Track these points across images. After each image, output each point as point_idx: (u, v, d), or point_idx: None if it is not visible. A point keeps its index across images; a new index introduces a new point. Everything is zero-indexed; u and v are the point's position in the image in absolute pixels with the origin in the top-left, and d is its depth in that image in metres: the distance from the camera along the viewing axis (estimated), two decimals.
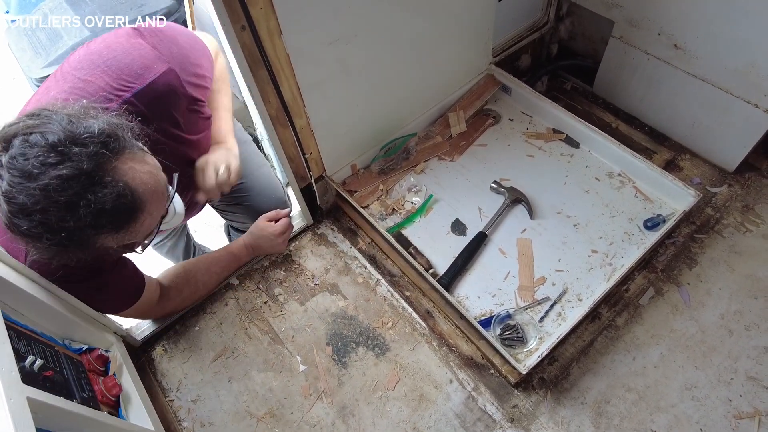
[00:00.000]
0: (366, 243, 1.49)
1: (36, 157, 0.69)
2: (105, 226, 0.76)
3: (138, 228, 0.82)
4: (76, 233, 0.73)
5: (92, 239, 0.77)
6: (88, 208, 0.72)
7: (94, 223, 0.73)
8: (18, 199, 0.69)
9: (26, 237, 0.73)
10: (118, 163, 0.77)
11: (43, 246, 0.74)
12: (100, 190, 0.73)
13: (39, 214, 0.70)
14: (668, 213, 1.40)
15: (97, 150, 0.73)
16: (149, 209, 0.82)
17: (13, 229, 0.72)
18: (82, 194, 0.71)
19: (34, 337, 0.99)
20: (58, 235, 0.72)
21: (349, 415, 1.19)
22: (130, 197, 0.77)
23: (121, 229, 0.79)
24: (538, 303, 1.29)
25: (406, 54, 1.38)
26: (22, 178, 0.69)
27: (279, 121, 1.20)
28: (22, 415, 0.71)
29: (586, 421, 1.15)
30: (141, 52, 0.98)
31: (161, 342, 1.34)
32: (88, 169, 0.72)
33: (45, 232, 0.71)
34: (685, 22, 1.39)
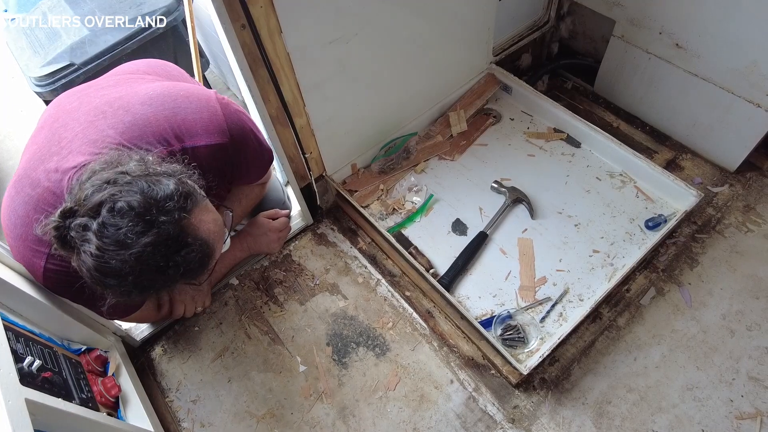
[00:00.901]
0: (366, 243, 1.48)
1: (127, 228, 0.76)
2: (186, 278, 0.85)
3: (208, 272, 0.90)
4: (158, 286, 0.83)
5: (171, 288, 0.87)
6: (177, 269, 0.81)
7: (179, 278, 0.83)
8: (111, 264, 0.76)
9: (105, 288, 0.80)
10: (194, 221, 0.84)
11: (115, 294, 0.81)
12: (185, 250, 0.81)
13: (132, 276, 0.77)
14: (669, 213, 1.39)
15: (178, 214, 0.80)
16: (217, 254, 0.91)
17: (98, 283, 0.78)
18: (170, 257, 0.79)
19: (33, 338, 0.99)
20: (139, 290, 0.80)
21: (350, 415, 1.19)
22: (207, 249, 0.86)
23: (197, 276, 0.87)
24: (539, 303, 1.29)
25: (406, 53, 1.37)
26: (116, 246, 0.75)
27: (279, 120, 1.20)
28: (20, 416, 0.71)
29: (587, 422, 1.14)
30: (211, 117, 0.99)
31: (160, 342, 1.34)
32: (174, 234, 0.79)
33: (133, 290, 0.80)
34: (686, 22, 1.39)
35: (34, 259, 0.91)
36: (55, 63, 2.00)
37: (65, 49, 2.02)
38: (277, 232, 1.40)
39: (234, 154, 1.03)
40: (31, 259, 0.91)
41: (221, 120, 0.99)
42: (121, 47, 2.00)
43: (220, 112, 0.99)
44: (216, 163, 1.00)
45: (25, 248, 0.91)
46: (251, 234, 1.38)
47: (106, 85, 1.00)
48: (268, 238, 1.38)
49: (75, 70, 1.98)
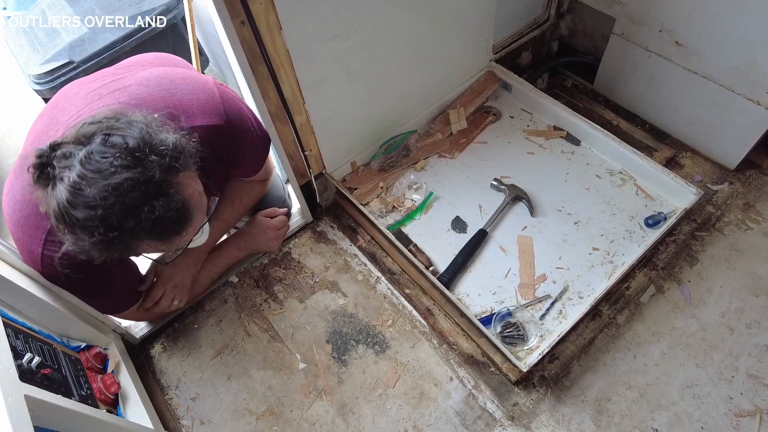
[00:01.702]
0: (366, 240, 1.48)
1: (114, 157, 0.73)
2: (156, 234, 0.79)
3: (179, 241, 0.86)
4: (127, 234, 0.76)
5: (138, 244, 0.80)
6: (151, 213, 0.76)
7: (149, 229, 0.77)
8: (86, 191, 0.72)
9: (76, 228, 0.75)
10: (181, 178, 0.82)
11: (87, 240, 0.75)
12: (164, 199, 0.77)
13: (102, 210, 0.73)
14: (669, 211, 1.39)
15: (169, 163, 0.78)
16: (194, 224, 0.87)
17: (64, 218, 0.74)
18: (148, 200, 0.76)
19: (32, 335, 0.98)
20: (111, 232, 0.75)
21: (349, 413, 1.19)
22: (185, 211, 0.82)
23: (167, 239, 0.82)
24: (539, 301, 1.29)
25: (406, 50, 1.37)
26: (96, 173, 0.72)
27: (278, 117, 1.20)
28: (20, 413, 0.71)
29: (586, 419, 1.14)
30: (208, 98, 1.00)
31: (160, 340, 1.34)
32: (159, 178, 0.76)
33: (100, 227, 0.74)
34: (686, 19, 1.39)
35: (32, 246, 0.91)
36: (54, 61, 2.00)
37: (64, 47, 2.02)
38: (275, 230, 1.40)
39: (230, 138, 1.03)
40: (30, 245, 0.91)
41: (218, 102, 0.99)
42: (120, 45, 2.01)
43: (218, 95, 1.00)
44: (213, 145, 0.99)
45: (24, 234, 0.91)
46: (249, 233, 1.37)
47: (108, 73, 1.01)
48: (266, 237, 1.38)
49: (74, 67, 1.98)
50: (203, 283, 1.34)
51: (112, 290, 1.09)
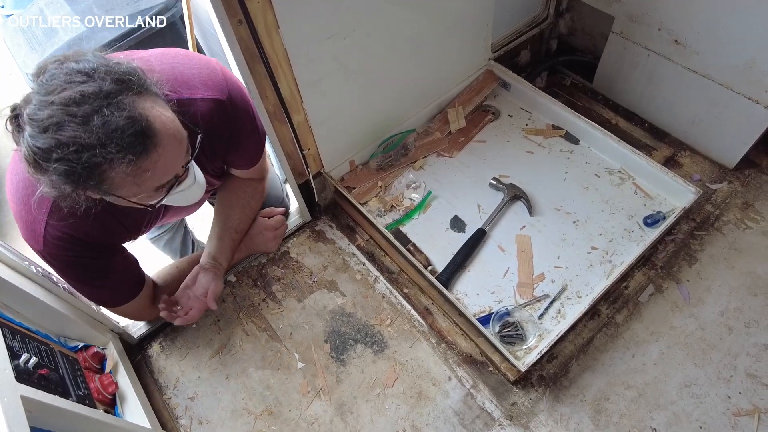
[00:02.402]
0: (364, 240, 1.48)
1: (64, 75, 0.72)
2: (116, 149, 0.74)
3: (151, 166, 0.79)
4: (86, 153, 0.72)
5: (105, 169, 0.75)
6: (102, 120, 0.72)
7: (105, 140, 0.72)
8: (38, 115, 0.71)
9: (41, 162, 0.73)
10: (139, 98, 0.78)
11: (54, 172, 0.73)
12: (117, 110, 0.73)
13: (54, 128, 0.71)
14: (668, 210, 1.39)
15: (122, 78, 0.75)
16: (166, 148, 0.80)
17: (33, 155, 0.73)
18: (99, 110, 0.72)
19: (29, 335, 0.98)
20: (69, 153, 0.71)
21: (348, 412, 1.19)
22: (145, 124, 0.77)
23: (133, 159, 0.76)
24: (538, 300, 1.29)
25: (404, 49, 1.37)
26: (47, 95, 0.71)
27: (276, 117, 1.19)
28: (16, 413, 0.70)
29: (585, 419, 1.14)
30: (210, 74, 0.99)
31: (158, 339, 1.34)
32: (109, 89, 0.74)
33: (57, 148, 0.71)
34: (685, 18, 1.38)
35: (34, 224, 0.90)
36: None
37: (62, 46, 2.01)
38: (273, 230, 1.39)
39: (232, 117, 1.02)
40: (32, 223, 0.91)
41: (221, 79, 0.99)
42: (118, 44, 2.00)
43: (220, 73, 1.00)
44: (213, 121, 0.98)
45: (27, 212, 0.90)
46: (247, 234, 1.36)
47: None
48: (264, 237, 1.37)
49: None
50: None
51: (109, 280, 1.07)
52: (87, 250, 0.97)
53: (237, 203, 1.28)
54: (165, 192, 0.88)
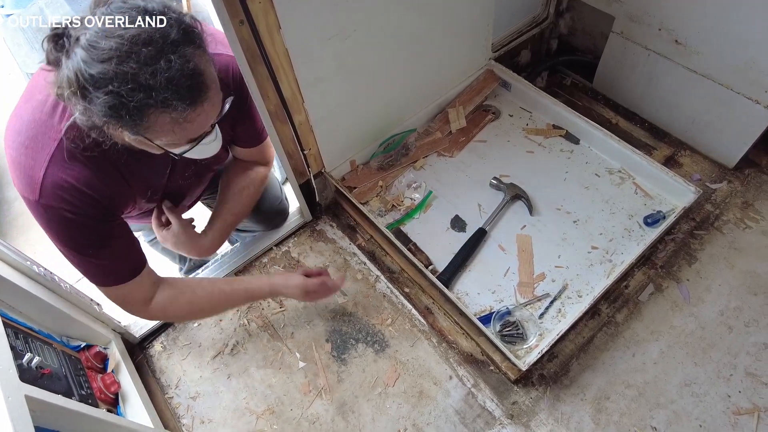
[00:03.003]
0: (365, 239, 1.48)
1: (131, 12, 0.73)
2: (171, 96, 0.74)
3: (194, 119, 0.80)
4: (141, 93, 0.73)
5: (151, 111, 0.75)
6: (167, 67, 0.72)
7: (164, 86, 0.73)
8: (102, 44, 0.71)
9: (90, 87, 0.72)
10: (198, 52, 0.78)
11: (100, 99, 0.72)
12: (180, 59, 0.74)
13: (117, 60, 0.70)
14: (668, 209, 1.39)
15: (187, 29, 0.76)
16: (210, 105, 0.82)
17: (78, 80, 0.72)
18: (165, 53, 0.73)
19: (32, 335, 0.99)
20: (125, 85, 0.71)
21: (349, 411, 1.19)
22: (201, 80, 0.78)
23: (182, 109, 0.77)
24: (538, 299, 1.29)
25: (405, 49, 1.37)
26: (113, 29, 0.71)
27: (278, 117, 1.19)
28: (21, 413, 0.71)
29: (585, 418, 1.15)
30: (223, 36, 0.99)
31: (160, 339, 1.34)
32: (176, 38, 0.74)
33: (115, 80, 0.71)
34: (685, 18, 1.39)
35: (33, 170, 0.86)
36: None
37: None
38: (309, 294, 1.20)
39: (241, 81, 1.03)
40: (31, 169, 0.86)
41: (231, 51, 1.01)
42: None
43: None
44: (230, 77, 1.00)
45: (27, 157, 0.86)
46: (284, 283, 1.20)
47: None
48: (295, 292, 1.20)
49: None
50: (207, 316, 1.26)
51: (105, 251, 0.97)
52: (87, 205, 0.91)
53: (237, 184, 1.25)
54: (194, 144, 0.88)
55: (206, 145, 0.91)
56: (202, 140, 0.89)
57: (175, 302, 1.09)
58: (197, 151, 0.91)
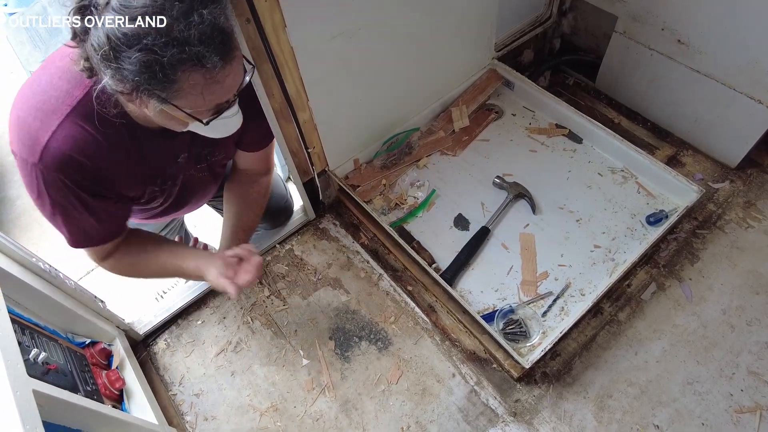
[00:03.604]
0: (368, 238, 1.49)
1: None
2: (206, 51, 0.74)
3: (223, 79, 0.80)
4: (175, 45, 0.72)
5: (183, 66, 0.75)
6: (201, 19, 0.72)
7: (199, 39, 0.73)
8: (133, 3, 0.71)
9: (123, 46, 0.72)
10: (226, 10, 0.78)
11: (132, 60, 0.72)
12: (212, 14, 0.74)
13: (150, 17, 0.71)
14: (670, 208, 1.40)
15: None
16: (237, 65, 0.82)
17: (110, 42, 0.71)
18: (196, 8, 0.73)
19: (38, 331, 0.99)
20: (159, 40, 0.71)
21: (352, 409, 1.20)
22: (231, 35, 0.78)
23: (213, 62, 0.76)
24: (541, 298, 1.30)
25: (409, 48, 1.38)
26: None
27: (282, 115, 1.20)
28: (29, 407, 0.71)
29: (588, 416, 1.15)
30: None
31: (163, 336, 1.34)
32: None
33: (148, 36, 0.71)
34: (689, 18, 1.39)
35: (39, 132, 0.84)
36: None
37: None
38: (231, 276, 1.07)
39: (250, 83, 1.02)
40: (37, 131, 0.85)
41: None
42: None
43: None
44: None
45: (35, 119, 0.85)
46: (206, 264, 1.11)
47: None
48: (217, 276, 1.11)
49: None
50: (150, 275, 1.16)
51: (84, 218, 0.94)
52: (84, 178, 0.89)
53: (245, 201, 1.26)
54: (218, 113, 0.87)
55: (229, 118, 0.91)
56: (226, 111, 0.88)
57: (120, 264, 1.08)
58: (221, 125, 0.91)
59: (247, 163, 1.24)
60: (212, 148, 1.10)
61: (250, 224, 1.28)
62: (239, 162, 1.25)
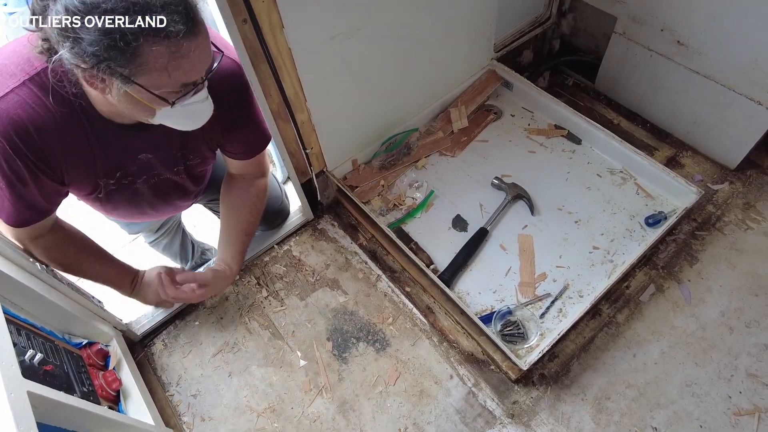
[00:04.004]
0: (366, 239, 1.48)
1: None
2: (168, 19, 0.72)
3: (188, 52, 0.77)
4: (137, 14, 0.70)
5: (146, 38, 0.72)
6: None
7: (161, 6, 0.71)
8: None
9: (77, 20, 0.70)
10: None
11: (92, 31, 0.70)
12: None
13: None
14: (669, 210, 1.39)
15: None
16: (203, 40, 0.79)
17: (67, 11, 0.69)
18: None
19: (34, 332, 0.99)
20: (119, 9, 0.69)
21: (350, 410, 1.19)
22: (195, 9, 0.76)
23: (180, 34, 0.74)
24: (539, 299, 1.29)
25: (407, 49, 1.37)
26: None
27: (280, 115, 1.20)
28: (23, 409, 0.71)
29: (586, 417, 1.15)
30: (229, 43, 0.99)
31: (161, 337, 1.34)
32: None
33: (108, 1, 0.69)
34: (688, 19, 1.39)
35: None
36: None
37: None
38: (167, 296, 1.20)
39: (246, 91, 1.02)
40: None
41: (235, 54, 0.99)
42: None
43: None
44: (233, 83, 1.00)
45: None
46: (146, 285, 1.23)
47: None
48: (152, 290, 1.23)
49: None
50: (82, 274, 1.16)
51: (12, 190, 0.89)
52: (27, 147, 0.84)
53: (243, 205, 1.26)
54: (186, 93, 0.84)
55: (198, 104, 0.88)
56: (194, 94, 0.85)
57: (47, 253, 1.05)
58: (189, 112, 0.88)
59: (239, 169, 1.24)
60: (185, 151, 1.08)
61: (249, 227, 1.28)
62: (231, 168, 1.24)
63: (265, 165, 1.29)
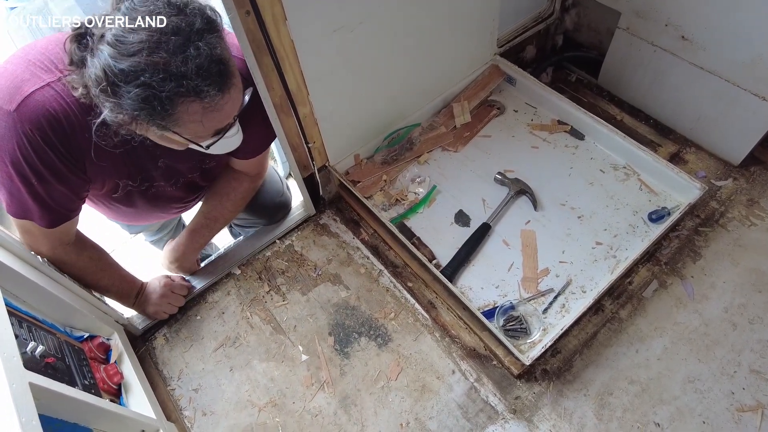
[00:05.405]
0: (369, 234, 1.48)
1: (155, 5, 0.73)
2: (203, 84, 0.76)
3: (222, 107, 0.81)
4: (172, 82, 0.73)
5: (182, 99, 0.76)
6: (196, 52, 0.74)
7: (196, 72, 0.74)
8: (129, 38, 0.71)
9: (120, 82, 0.72)
10: (221, 41, 0.79)
11: (130, 96, 0.73)
12: (207, 46, 0.75)
13: (147, 52, 0.71)
14: (673, 206, 1.39)
15: (209, 19, 0.78)
16: (235, 92, 0.83)
17: (107, 76, 0.72)
18: (193, 41, 0.74)
19: (36, 324, 0.99)
20: (156, 76, 0.72)
21: (351, 405, 1.19)
22: (226, 67, 0.79)
23: (211, 95, 0.77)
24: (542, 294, 1.29)
25: (411, 43, 1.37)
26: (140, 22, 0.72)
27: (282, 109, 1.19)
28: (25, 400, 0.71)
29: (588, 413, 1.14)
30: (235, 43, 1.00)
31: (162, 331, 1.34)
32: (200, 27, 0.75)
33: (147, 71, 0.72)
34: (692, 14, 1.38)
35: (25, 83, 0.82)
36: None
37: None
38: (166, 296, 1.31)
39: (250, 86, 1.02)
40: (22, 81, 0.82)
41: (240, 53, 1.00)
42: None
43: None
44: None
45: (24, 69, 0.83)
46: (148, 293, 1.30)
47: None
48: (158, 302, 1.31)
49: None
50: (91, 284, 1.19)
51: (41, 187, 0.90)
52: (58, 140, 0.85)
53: (222, 192, 1.28)
54: (219, 137, 0.89)
55: (229, 138, 0.92)
56: (227, 133, 0.90)
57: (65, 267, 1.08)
58: (221, 144, 0.92)
59: (239, 167, 1.26)
60: (203, 156, 1.10)
61: (218, 216, 1.29)
62: (232, 164, 1.26)
63: (264, 166, 1.31)
